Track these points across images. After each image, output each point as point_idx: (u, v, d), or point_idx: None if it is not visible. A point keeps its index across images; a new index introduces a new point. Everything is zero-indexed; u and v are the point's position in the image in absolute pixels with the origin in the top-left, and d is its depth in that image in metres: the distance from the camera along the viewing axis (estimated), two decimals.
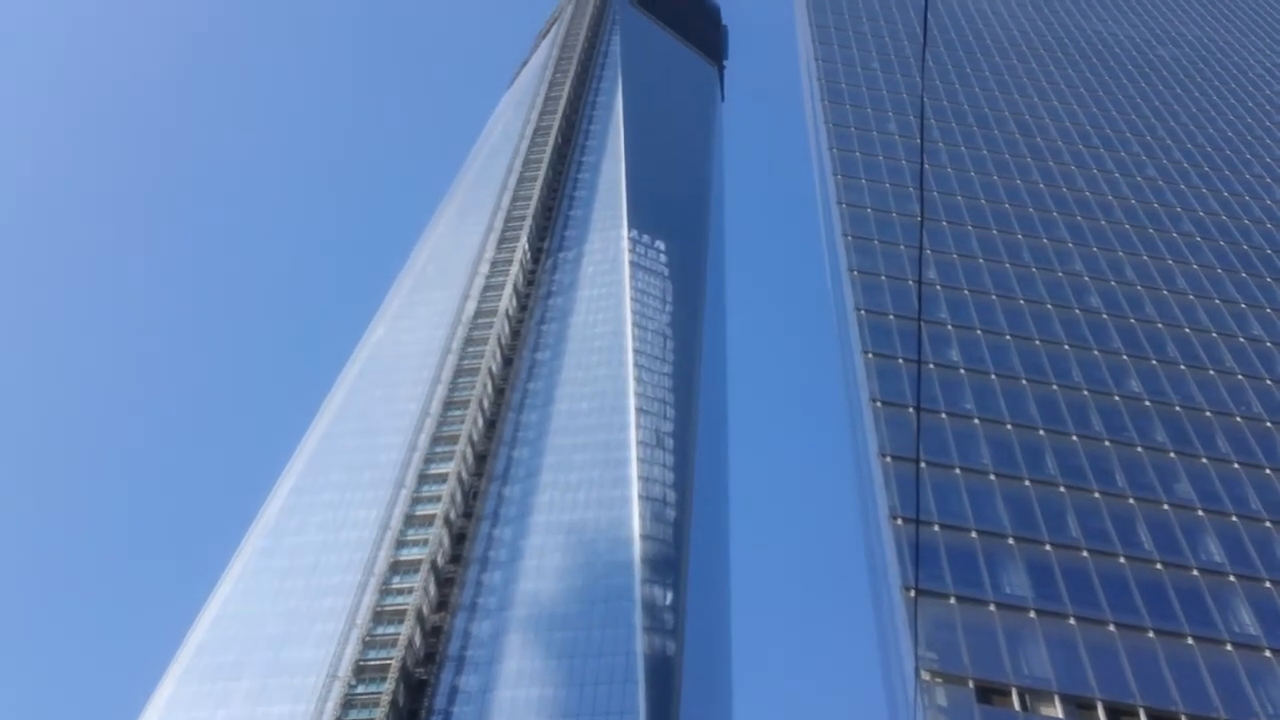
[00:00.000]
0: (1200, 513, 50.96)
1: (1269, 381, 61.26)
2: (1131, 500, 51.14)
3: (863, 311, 62.08)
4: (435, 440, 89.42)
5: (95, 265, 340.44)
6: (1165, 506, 51.10)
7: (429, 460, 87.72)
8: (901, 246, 69.57)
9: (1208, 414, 58.03)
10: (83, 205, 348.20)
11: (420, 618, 75.51)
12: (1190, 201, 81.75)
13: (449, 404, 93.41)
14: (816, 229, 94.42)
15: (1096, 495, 51.02)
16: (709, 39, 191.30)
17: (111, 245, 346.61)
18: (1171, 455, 54.61)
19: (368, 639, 73.71)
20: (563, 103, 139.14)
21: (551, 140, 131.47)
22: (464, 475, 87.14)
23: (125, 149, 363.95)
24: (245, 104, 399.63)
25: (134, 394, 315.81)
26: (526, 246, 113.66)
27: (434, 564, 79.33)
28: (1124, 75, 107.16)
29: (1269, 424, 57.80)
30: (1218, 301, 68.77)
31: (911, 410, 54.29)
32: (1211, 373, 61.56)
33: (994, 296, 65.87)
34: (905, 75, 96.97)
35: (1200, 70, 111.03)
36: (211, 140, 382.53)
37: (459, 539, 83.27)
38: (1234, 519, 50.79)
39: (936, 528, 47.48)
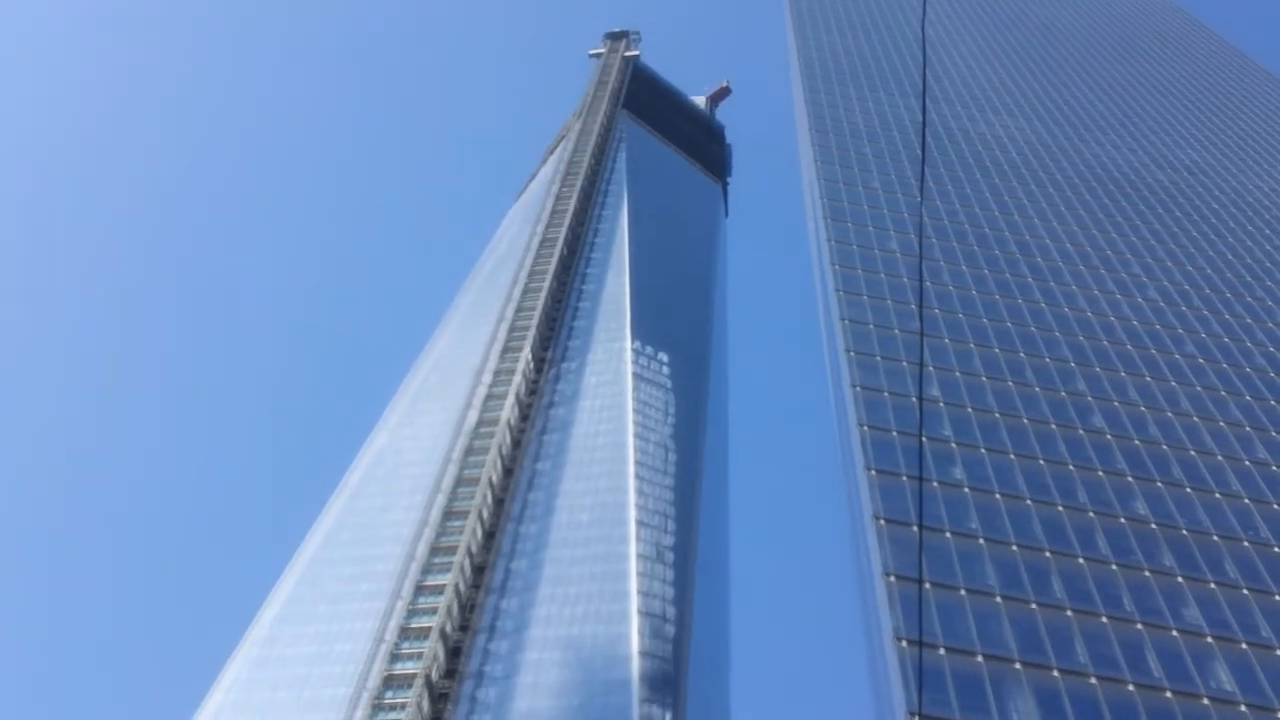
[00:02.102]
0: (1209, 639, 50.10)
1: (1276, 506, 60.75)
2: (1139, 626, 50.34)
3: (865, 427, 61.87)
4: (434, 550, 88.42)
5: (100, 362, 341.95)
6: (1174, 632, 50.30)
7: (426, 571, 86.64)
8: (904, 363, 69.71)
9: (1215, 538, 57.42)
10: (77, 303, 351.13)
11: None
12: (1192, 323, 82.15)
13: (448, 514, 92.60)
14: (819, 343, 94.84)
15: (1104, 620, 50.23)
16: (713, 156, 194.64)
17: (115, 343, 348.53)
18: (1179, 580, 53.90)
19: None
20: (569, 215, 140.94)
21: (557, 252, 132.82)
22: (461, 587, 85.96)
23: (129, 267, 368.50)
24: (256, 202, 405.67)
25: (130, 494, 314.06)
26: (530, 356, 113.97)
27: (428, 679, 77.74)
28: (1123, 198, 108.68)
29: (1277, 549, 57.17)
30: (1222, 424, 68.57)
31: (915, 529, 53.77)
32: (1218, 496, 61.08)
33: (998, 415, 65.74)
34: (906, 194, 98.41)
35: (1199, 194, 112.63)
36: (221, 240, 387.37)
37: (454, 653, 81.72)
38: (1244, 646, 49.90)
39: (942, 651, 46.63)
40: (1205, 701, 46.24)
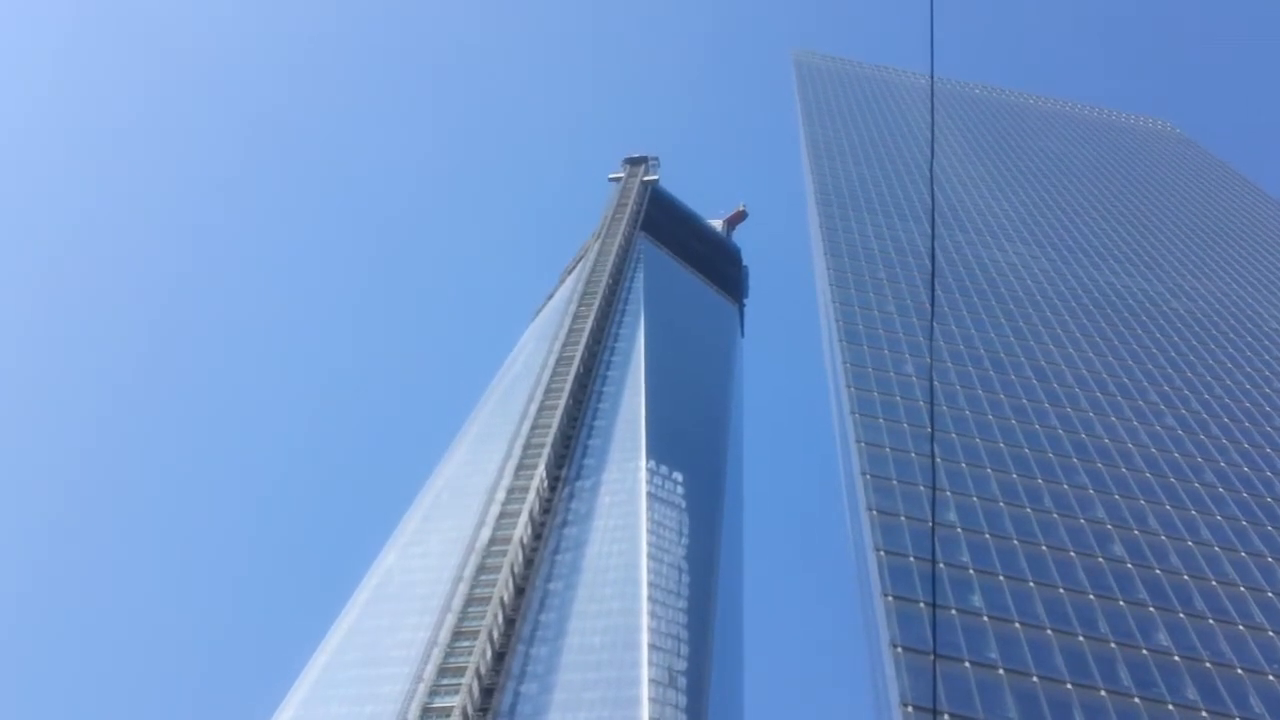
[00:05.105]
0: None
1: None
2: None
3: (882, 552, 61.18)
4: (442, 672, 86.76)
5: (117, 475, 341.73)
6: None
7: (434, 693, 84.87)
8: (920, 487, 69.19)
9: (1239, 671, 56.14)
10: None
11: None
12: (1211, 452, 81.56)
13: (458, 634, 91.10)
14: (835, 466, 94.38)
15: None
16: (730, 278, 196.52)
17: (131, 441, 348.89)
18: (1204, 715, 52.59)
19: None
20: (585, 335, 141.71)
21: (573, 370, 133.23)
22: (469, 711, 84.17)
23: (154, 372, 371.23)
24: (272, 314, 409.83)
25: (133, 611, 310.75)
26: (544, 474, 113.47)
27: None
28: (1139, 326, 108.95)
29: None
30: (1244, 554, 67.63)
31: (933, 658, 52.77)
32: (1241, 628, 59.92)
33: (1016, 541, 64.99)
34: (920, 319, 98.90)
35: (1215, 324, 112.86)
36: (236, 355, 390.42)
37: None
38: None
39: None
40: None
